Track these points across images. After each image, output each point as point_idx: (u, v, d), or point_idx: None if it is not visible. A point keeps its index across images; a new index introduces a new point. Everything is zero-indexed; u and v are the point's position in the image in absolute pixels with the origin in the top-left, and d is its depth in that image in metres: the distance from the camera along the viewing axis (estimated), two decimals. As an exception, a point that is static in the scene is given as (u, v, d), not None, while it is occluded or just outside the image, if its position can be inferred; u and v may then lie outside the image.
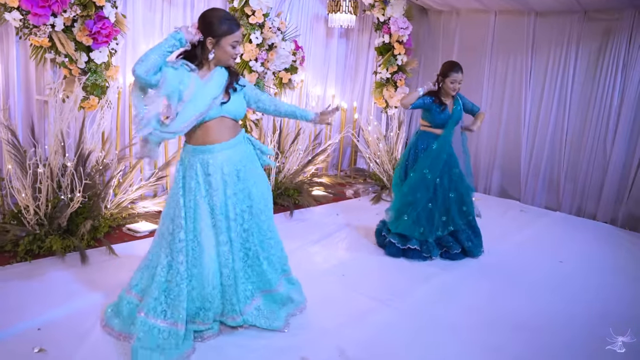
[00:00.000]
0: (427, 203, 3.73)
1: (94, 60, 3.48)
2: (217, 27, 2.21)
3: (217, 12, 2.28)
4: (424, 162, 3.71)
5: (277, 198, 4.72)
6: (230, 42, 2.25)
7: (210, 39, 2.22)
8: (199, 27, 2.23)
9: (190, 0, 4.59)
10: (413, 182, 3.72)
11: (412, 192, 3.71)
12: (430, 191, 3.72)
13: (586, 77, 5.79)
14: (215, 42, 2.23)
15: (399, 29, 5.45)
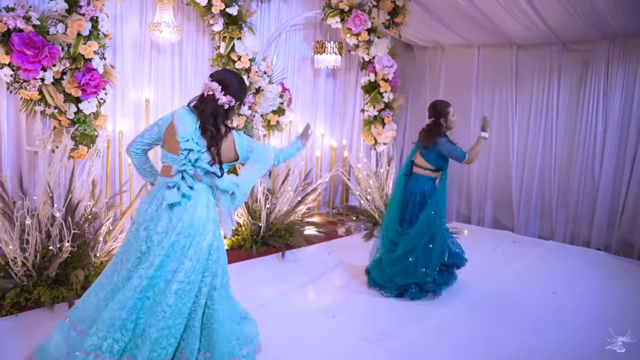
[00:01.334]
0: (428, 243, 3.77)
1: (82, 110, 3.54)
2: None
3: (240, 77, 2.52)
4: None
5: (268, 239, 4.74)
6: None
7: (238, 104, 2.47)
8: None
9: (178, 47, 4.70)
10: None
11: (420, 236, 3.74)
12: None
13: (570, 105, 5.93)
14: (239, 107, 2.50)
15: (383, 67, 5.57)
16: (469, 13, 5.37)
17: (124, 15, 4.31)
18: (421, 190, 3.81)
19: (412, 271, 3.68)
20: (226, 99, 2.31)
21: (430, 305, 3.64)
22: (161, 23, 4.14)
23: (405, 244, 3.73)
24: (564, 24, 5.23)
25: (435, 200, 3.77)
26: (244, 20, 4.54)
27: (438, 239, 3.76)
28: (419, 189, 3.82)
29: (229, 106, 2.34)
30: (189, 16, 4.68)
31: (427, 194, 3.79)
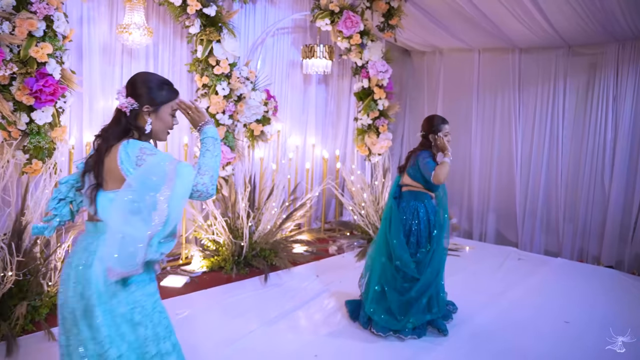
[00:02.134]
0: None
1: (35, 120, 3.16)
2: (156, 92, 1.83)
3: (152, 75, 1.90)
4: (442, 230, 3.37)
5: (251, 260, 4.34)
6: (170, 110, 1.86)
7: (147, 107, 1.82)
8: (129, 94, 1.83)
9: (153, 51, 4.34)
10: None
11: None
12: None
13: (577, 112, 5.61)
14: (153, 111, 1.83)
15: (378, 73, 5.20)
16: (469, 15, 5.02)
17: (92, 16, 3.95)
18: (421, 204, 3.34)
19: (428, 309, 3.25)
20: (126, 101, 1.81)
21: (427, 341, 3.20)
22: (130, 24, 3.78)
23: (421, 285, 3.22)
24: (571, 26, 4.88)
25: (442, 227, 3.34)
26: (223, 21, 4.17)
27: (443, 266, 3.39)
28: (419, 203, 3.35)
29: (130, 111, 1.81)
30: (165, 18, 4.31)
31: (429, 208, 3.34)
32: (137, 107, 1.80)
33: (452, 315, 3.50)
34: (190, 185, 1.69)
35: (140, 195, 1.62)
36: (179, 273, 4.19)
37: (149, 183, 1.63)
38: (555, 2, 4.41)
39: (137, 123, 1.81)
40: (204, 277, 4.19)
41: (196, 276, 4.17)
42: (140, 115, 1.81)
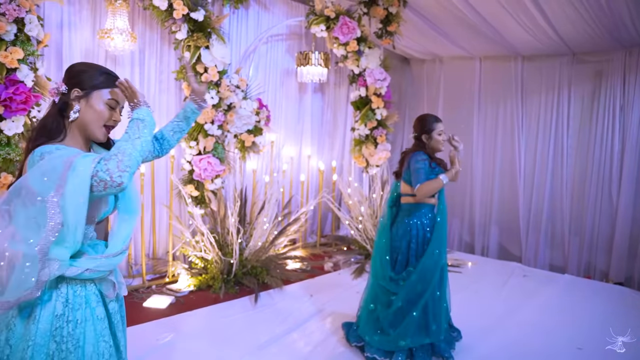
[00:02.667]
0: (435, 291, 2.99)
1: (3, 131, 2.93)
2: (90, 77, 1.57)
3: (90, 63, 1.65)
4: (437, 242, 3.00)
5: (241, 278, 4.09)
6: (105, 98, 1.58)
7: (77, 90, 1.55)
8: (64, 81, 1.58)
9: (139, 58, 4.13)
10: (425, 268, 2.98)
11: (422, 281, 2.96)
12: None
13: (582, 122, 5.42)
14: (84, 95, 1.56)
15: (375, 81, 4.99)
16: (470, 21, 4.83)
17: (73, 21, 3.74)
18: (417, 221, 3.03)
19: (425, 328, 2.92)
20: (56, 85, 1.56)
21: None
22: (112, 29, 3.56)
23: (406, 292, 2.92)
24: (576, 32, 4.69)
25: (438, 234, 3.00)
26: (212, 27, 3.96)
27: (445, 282, 3.06)
28: (414, 220, 3.03)
29: (60, 98, 1.56)
30: (152, 23, 4.11)
31: (425, 225, 3.02)
32: (65, 90, 1.55)
33: (455, 344, 3.19)
34: (88, 176, 1.33)
35: (9, 201, 1.34)
36: (164, 292, 3.94)
37: (34, 186, 1.33)
38: (560, 7, 4.22)
39: (65, 112, 1.55)
40: (190, 296, 3.93)
41: (182, 296, 3.91)
42: (69, 101, 1.55)
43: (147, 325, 3.39)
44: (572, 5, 4.13)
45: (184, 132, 1.96)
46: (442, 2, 4.61)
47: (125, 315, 1.73)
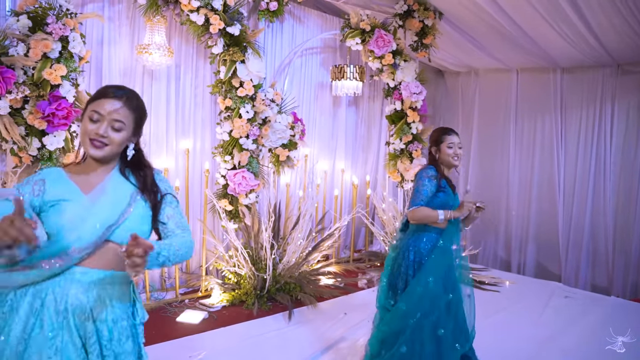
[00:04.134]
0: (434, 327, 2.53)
1: (46, 146, 2.97)
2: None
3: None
4: (431, 268, 2.58)
5: (275, 294, 4.04)
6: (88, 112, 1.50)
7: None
8: None
9: (175, 72, 4.17)
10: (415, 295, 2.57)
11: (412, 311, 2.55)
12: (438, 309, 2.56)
13: (627, 135, 5.23)
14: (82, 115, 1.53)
15: (411, 95, 4.91)
16: (507, 32, 4.71)
17: (112, 37, 3.80)
18: (415, 246, 2.65)
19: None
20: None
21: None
22: (151, 45, 3.61)
23: (395, 323, 2.57)
24: (622, 41, 4.52)
25: (435, 260, 2.59)
26: (247, 41, 3.96)
27: (454, 321, 2.57)
28: (413, 245, 2.66)
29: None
30: (187, 38, 4.14)
31: (423, 251, 2.64)
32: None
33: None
34: None
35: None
36: (197, 307, 3.92)
37: None
38: (607, 17, 4.06)
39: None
40: (223, 312, 3.90)
41: (215, 311, 3.88)
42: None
43: (180, 341, 3.35)
44: (620, 14, 3.97)
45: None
46: (478, 14, 4.52)
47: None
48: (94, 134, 1.47)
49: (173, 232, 1.59)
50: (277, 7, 4.28)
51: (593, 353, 3.45)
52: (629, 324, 4.06)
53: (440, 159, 2.73)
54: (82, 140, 1.51)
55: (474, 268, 5.53)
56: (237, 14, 3.89)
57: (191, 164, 4.25)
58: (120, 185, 1.55)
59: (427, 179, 2.62)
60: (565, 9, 4.03)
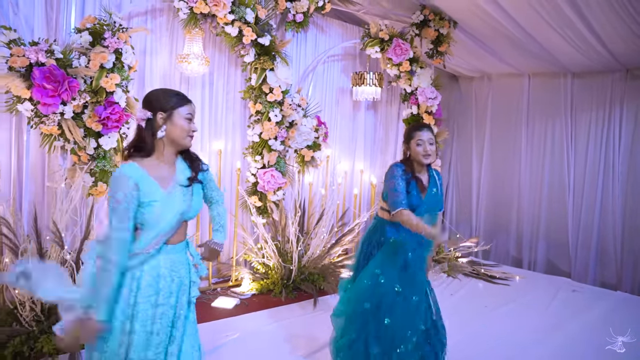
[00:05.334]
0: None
1: (102, 146, 3.35)
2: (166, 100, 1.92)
3: (161, 89, 2.03)
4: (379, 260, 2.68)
5: (300, 284, 4.38)
6: (184, 115, 1.93)
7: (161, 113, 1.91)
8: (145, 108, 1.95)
9: (209, 79, 4.53)
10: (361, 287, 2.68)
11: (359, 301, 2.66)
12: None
13: (635, 138, 5.43)
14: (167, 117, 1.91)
15: (427, 100, 5.21)
16: (519, 40, 4.99)
17: (154, 47, 4.18)
18: (378, 239, 2.75)
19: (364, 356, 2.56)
20: (141, 112, 1.92)
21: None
22: (190, 54, 3.97)
23: (345, 317, 2.70)
24: (628, 48, 4.75)
25: (386, 252, 2.66)
26: (276, 50, 4.32)
27: (396, 311, 2.56)
28: (376, 237, 2.76)
29: (146, 122, 1.91)
30: (221, 47, 4.51)
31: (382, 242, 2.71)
32: (150, 116, 1.90)
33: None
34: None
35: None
36: (229, 295, 4.27)
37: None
38: (609, 22, 4.29)
39: (154, 131, 1.90)
40: (253, 299, 4.25)
41: (246, 298, 4.24)
42: (155, 123, 1.90)
43: (216, 323, 3.72)
44: (622, 20, 4.18)
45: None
46: (490, 22, 4.79)
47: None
48: (192, 131, 1.96)
49: (216, 201, 2.25)
50: (303, 18, 4.63)
51: (596, 341, 3.71)
52: (633, 316, 4.33)
53: (411, 156, 2.70)
54: (179, 136, 1.92)
55: (486, 264, 5.82)
56: (267, 26, 4.24)
57: (223, 163, 4.61)
58: (181, 173, 1.99)
59: (397, 177, 2.61)
60: (572, 18, 4.27)
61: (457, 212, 6.90)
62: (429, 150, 2.64)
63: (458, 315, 4.08)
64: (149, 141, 1.91)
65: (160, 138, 1.91)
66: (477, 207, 6.59)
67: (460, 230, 6.56)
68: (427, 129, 2.71)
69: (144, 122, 1.91)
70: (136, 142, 1.94)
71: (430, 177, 2.76)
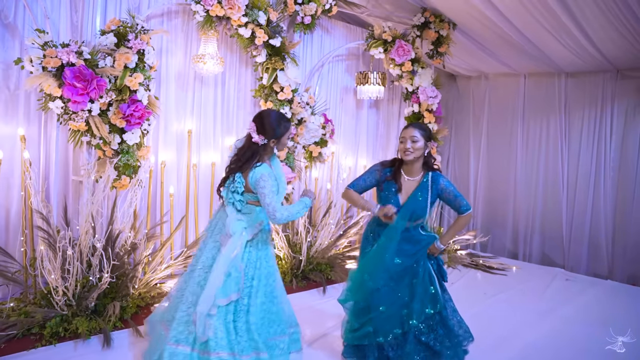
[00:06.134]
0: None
1: (126, 141, 3.57)
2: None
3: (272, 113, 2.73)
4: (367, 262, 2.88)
5: (308, 273, 4.61)
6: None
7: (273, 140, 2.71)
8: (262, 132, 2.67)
9: (221, 78, 4.74)
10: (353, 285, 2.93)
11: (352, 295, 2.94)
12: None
13: (625, 135, 5.65)
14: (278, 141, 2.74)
15: (428, 98, 5.45)
16: (515, 42, 5.22)
17: (170, 48, 4.38)
18: (373, 229, 2.95)
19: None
20: (258, 137, 2.66)
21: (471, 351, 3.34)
22: (205, 55, 4.18)
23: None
24: (619, 51, 5.00)
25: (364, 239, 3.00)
26: (286, 51, 4.54)
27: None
28: (373, 227, 2.97)
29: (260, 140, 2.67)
30: (232, 48, 4.72)
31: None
32: (266, 142, 2.67)
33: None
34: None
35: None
36: (241, 283, 4.49)
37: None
38: (602, 28, 4.52)
39: (266, 149, 2.71)
40: (264, 287, 4.48)
41: (257, 287, 4.46)
42: (268, 145, 2.70)
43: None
44: (613, 26, 4.41)
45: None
46: (488, 25, 5.02)
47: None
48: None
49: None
50: (311, 20, 4.85)
51: (589, 324, 3.99)
52: (623, 302, 4.60)
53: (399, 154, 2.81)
54: (282, 149, 2.90)
55: (484, 256, 6.07)
56: (278, 28, 4.46)
57: (234, 158, 4.82)
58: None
59: (369, 171, 2.86)
60: (567, 22, 4.50)
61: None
62: (410, 148, 2.69)
63: (458, 302, 4.25)
64: (258, 152, 2.74)
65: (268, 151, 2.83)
66: (474, 202, 6.84)
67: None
68: (413, 127, 2.78)
69: (260, 143, 2.73)
70: (251, 152, 2.72)
71: (422, 183, 2.77)
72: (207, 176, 4.67)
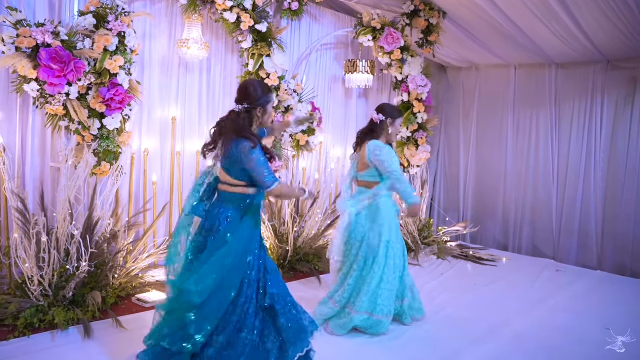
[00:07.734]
0: None
1: (106, 126, 3.45)
2: None
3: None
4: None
5: (296, 264, 4.52)
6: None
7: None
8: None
9: (207, 65, 4.63)
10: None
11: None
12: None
13: (615, 126, 5.61)
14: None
15: (417, 87, 5.38)
16: (506, 31, 5.16)
17: (153, 32, 4.26)
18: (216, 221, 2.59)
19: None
20: (377, 116, 3.52)
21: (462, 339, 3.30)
22: (189, 39, 4.07)
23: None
24: (611, 41, 4.95)
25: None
26: (273, 37, 4.43)
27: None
28: (215, 218, 2.60)
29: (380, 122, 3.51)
30: (218, 33, 4.61)
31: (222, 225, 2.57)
32: (384, 119, 3.43)
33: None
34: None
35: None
36: (227, 274, 4.39)
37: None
38: (593, 17, 4.49)
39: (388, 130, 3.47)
40: (250, 278, 4.37)
41: (243, 278, 4.36)
42: (385, 125, 3.43)
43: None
44: (605, 15, 4.38)
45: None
46: (479, 13, 4.95)
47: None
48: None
49: None
50: (298, 6, 4.75)
51: (578, 312, 3.97)
52: (612, 292, 4.58)
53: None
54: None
55: (474, 247, 6.02)
56: (264, 13, 4.36)
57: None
58: None
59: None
60: (558, 11, 4.45)
61: (445, 198, 7.09)
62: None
63: (448, 292, 4.28)
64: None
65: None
66: (464, 193, 6.79)
67: (448, 215, 6.75)
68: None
69: (379, 121, 3.45)
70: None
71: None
72: (191, 164, 4.56)
